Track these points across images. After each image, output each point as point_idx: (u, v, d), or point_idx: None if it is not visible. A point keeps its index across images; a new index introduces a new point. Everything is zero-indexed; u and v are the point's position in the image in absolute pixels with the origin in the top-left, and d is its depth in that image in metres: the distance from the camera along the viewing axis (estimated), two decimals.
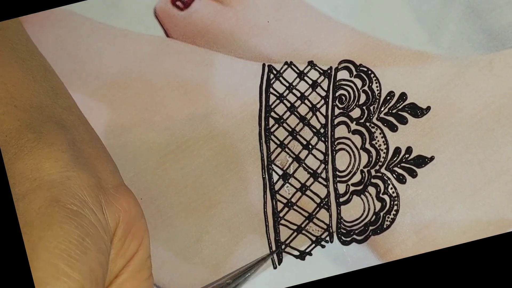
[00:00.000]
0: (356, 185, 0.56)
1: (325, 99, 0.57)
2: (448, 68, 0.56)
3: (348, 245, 0.56)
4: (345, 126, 0.57)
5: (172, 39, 0.58)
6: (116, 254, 0.47)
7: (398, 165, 0.56)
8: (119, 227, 0.47)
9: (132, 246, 0.48)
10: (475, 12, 0.56)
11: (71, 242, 0.43)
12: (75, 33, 0.59)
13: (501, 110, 0.56)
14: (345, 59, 0.57)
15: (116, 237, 0.47)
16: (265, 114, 0.57)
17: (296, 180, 0.56)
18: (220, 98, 0.57)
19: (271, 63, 0.57)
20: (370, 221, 0.56)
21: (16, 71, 0.48)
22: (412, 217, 0.55)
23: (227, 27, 0.58)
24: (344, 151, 0.56)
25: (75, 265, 0.43)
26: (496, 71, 0.56)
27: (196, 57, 0.58)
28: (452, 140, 0.56)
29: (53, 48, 0.58)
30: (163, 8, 0.58)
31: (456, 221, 0.55)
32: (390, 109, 0.56)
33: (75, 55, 0.58)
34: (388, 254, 0.55)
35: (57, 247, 0.43)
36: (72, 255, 0.43)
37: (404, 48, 0.57)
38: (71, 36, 0.59)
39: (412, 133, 0.56)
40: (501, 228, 0.55)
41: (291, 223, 0.56)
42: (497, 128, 0.55)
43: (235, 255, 0.56)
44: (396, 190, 0.56)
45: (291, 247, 0.56)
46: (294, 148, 0.57)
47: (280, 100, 0.57)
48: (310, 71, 0.57)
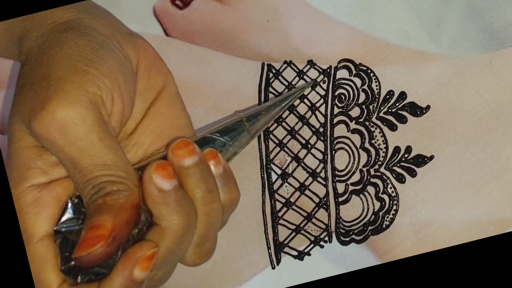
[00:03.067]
0: (355, 184, 0.56)
1: (325, 98, 0.57)
2: (448, 67, 0.56)
3: (347, 245, 0.55)
4: (345, 125, 0.56)
5: (171, 38, 0.58)
6: (145, 84, 0.50)
7: (398, 164, 0.56)
8: (141, 60, 0.50)
9: (159, 79, 0.50)
10: (475, 11, 0.56)
11: (86, 51, 0.46)
12: None
13: (501, 109, 0.55)
14: (344, 58, 0.57)
15: (140, 69, 0.50)
16: None
17: (295, 180, 0.56)
18: (219, 97, 0.57)
19: (270, 62, 0.57)
20: (369, 221, 0.55)
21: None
22: (412, 217, 0.55)
23: (226, 26, 0.58)
24: (343, 150, 0.56)
25: (92, 65, 0.46)
26: (496, 70, 0.56)
27: (195, 56, 0.58)
28: (452, 139, 0.55)
29: None
30: (162, 7, 0.58)
31: (456, 220, 0.55)
32: (389, 108, 0.56)
33: None
34: (387, 254, 0.55)
35: (74, 54, 0.46)
36: (88, 58, 0.46)
37: (403, 47, 0.56)
38: None
39: (412, 132, 0.56)
40: (501, 228, 0.54)
41: (290, 223, 0.56)
42: (497, 127, 0.55)
43: (233, 255, 0.56)
44: (395, 190, 0.55)
45: (289, 247, 0.56)
46: (293, 148, 0.57)
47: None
48: (309, 70, 0.57)
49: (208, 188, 0.46)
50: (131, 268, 0.44)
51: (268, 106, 0.53)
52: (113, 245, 0.43)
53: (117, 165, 0.45)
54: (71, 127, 0.44)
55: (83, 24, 0.49)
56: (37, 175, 0.46)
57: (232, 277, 0.56)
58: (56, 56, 0.46)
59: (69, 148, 0.44)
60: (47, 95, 0.45)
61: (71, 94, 0.44)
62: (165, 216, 0.45)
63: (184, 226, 0.45)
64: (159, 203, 0.45)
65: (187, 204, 0.45)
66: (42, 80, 0.46)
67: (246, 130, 0.51)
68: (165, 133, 0.50)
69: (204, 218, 0.46)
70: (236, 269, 0.56)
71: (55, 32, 0.48)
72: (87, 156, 0.44)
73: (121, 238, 0.44)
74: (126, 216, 0.44)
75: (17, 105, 0.46)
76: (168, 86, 0.51)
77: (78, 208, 0.46)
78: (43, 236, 0.46)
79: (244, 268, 0.56)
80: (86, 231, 0.44)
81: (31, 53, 0.48)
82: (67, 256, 0.46)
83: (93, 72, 0.46)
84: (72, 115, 0.44)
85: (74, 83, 0.45)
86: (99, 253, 0.43)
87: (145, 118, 0.50)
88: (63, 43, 0.47)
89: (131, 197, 0.44)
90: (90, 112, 0.45)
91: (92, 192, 0.44)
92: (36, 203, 0.46)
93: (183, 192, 0.46)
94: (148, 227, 0.45)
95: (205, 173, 0.46)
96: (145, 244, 0.44)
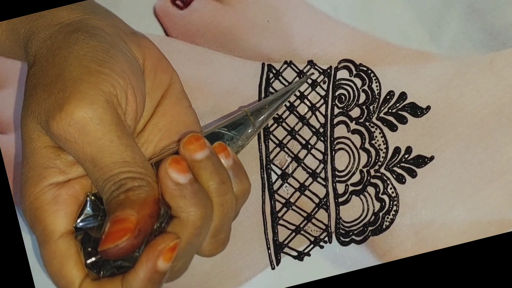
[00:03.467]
0: (355, 185, 0.56)
1: (325, 99, 0.57)
2: (449, 67, 0.56)
3: (347, 246, 0.55)
4: (345, 125, 0.56)
5: (171, 38, 0.58)
6: (152, 83, 0.51)
7: (398, 165, 0.56)
8: (147, 60, 0.51)
9: (165, 78, 0.52)
10: (476, 12, 0.56)
11: (97, 51, 0.47)
12: None
13: (502, 109, 0.55)
14: (345, 58, 0.57)
15: (146, 68, 0.50)
16: None
17: (295, 180, 0.56)
18: (219, 97, 0.57)
19: (270, 62, 0.57)
20: (369, 221, 0.55)
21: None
22: (412, 217, 0.55)
23: (227, 26, 0.58)
24: (344, 150, 0.56)
25: (105, 65, 0.47)
26: (496, 70, 0.55)
27: (196, 56, 0.58)
28: (452, 140, 0.55)
29: None
30: (162, 7, 0.58)
31: (456, 221, 0.55)
32: (390, 109, 0.56)
33: None
34: (387, 255, 0.55)
35: (86, 55, 0.47)
36: (101, 59, 0.47)
37: (404, 47, 0.56)
38: None
39: (412, 133, 0.56)
40: (501, 229, 0.54)
41: (290, 223, 0.56)
42: (497, 127, 0.55)
43: (233, 255, 0.56)
44: (395, 190, 0.55)
45: (289, 248, 0.56)
46: (293, 148, 0.56)
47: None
48: (309, 70, 0.57)
49: (222, 180, 0.47)
50: (155, 259, 0.45)
51: (270, 100, 0.54)
52: (139, 238, 0.44)
53: (136, 161, 0.46)
54: (90, 126, 0.45)
55: (90, 25, 0.49)
56: (55, 174, 0.47)
57: (232, 277, 0.56)
58: (69, 57, 0.47)
59: (88, 147, 0.45)
60: (64, 96, 0.45)
61: (88, 95, 0.45)
62: (184, 208, 0.46)
63: (202, 217, 0.46)
64: (176, 196, 0.46)
65: (203, 196, 0.47)
66: (57, 81, 0.46)
67: (252, 124, 0.52)
68: (173, 130, 0.51)
69: (219, 209, 0.48)
70: (236, 269, 0.56)
71: (63, 33, 0.49)
72: (107, 155, 0.46)
73: (145, 231, 0.45)
74: (149, 210, 0.45)
75: (31, 106, 0.47)
76: (173, 84, 0.52)
77: (96, 205, 0.48)
78: (63, 233, 0.47)
79: (244, 268, 0.56)
80: (111, 225, 0.45)
81: (40, 54, 0.49)
82: (89, 251, 0.47)
83: (107, 72, 0.47)
84: (90, 115, 0.45)
85: (89, 83, 0.46)
86: (125, 245, 0.44)
87: (154, 116, 0.51)
88: (73, 43, 0.48)
89: (152, 191, 0.46)
90: (107, 111, 0.46)
91: (113, 189, 0.46)
92: (54, 201, 0.47)
93: (198, 184, 0.47)
94: (167, 220, 0.46)
95: (217, 166, 0.48)
96: (167, 236, 0.45)
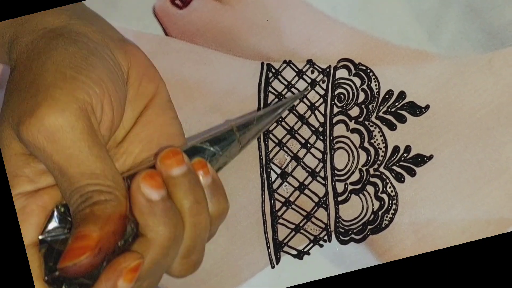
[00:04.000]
0: (354, 184, 0.56)
1: (324, 98, 0.57)
2: (447, 67, 0.56)
3: (346, 245, 0.55)
4: (344, 124, 0.56)
5: (171, 37, 0.58)
6: (136, 92, 0.49)
7: (397, 164, 0.56)
8: (132, 68, 0.49)
9: (150, 87, 0.50)
10: (474, 11, 0.56)
11: (76, 57, 0.46)
12: None
13: (501, 109, 0.55)
14: (344, 57, 0.57)
15: (131, 76, 0.49)
16: None
17: (295, 179, 0.56)
18: (219, 96, 0.57)
19: (270, 61, 0.57)
20: (368, 220, 0.55)
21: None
22: (411, 216, 0.55)
23: (226, 25, 0.58)
24: (343, 149, 0.56)
25: (82, 72, 0.45)
26: (495, 70, 0.56)
27: (195, 56, 0.58)
28: (451, 139, 0.55)
29: None
30: (162, 7, 0.59)
31: (455, 220, 0.55)
32: (389, 108, 0.56)
33: None
34: (387, 254, 0.55)
35: (63, 61, 0.45)
36: (78, 65, 0.45)
37: (403, 47, 0.57)
38: None
39: (411, 132, 0.56)
40: (500, 228, 0.54)
41: (289, 222, 0.56)
42: (496, 127, 0.55)
43: (232, 254, 0.56)
44: (394, 189, 0.55)
45: (289, 247, 0.56)
46: (293, 147, 0.57)
47: (279, 98, 0.57)
48: (309, 69, 0.57)
49: (196, 199, 0.46)
50: (115, 279, 0.43)
51: (259, 116, 0.51)
52: (99, 256, 0.43)
53: (105, 174, 0.44)
54: (60, 134, 0.44)
55: (74, 31, 0.48)
56: (23, 183, 0.46)
57: (231, 276, 0.56)
58: (46, 62, 0.46)
59: (57, 155, 0.44)
60: (36, 101, 0.44)
61: (60, 101, 0.44)
62: (152, 227, 0.44)
63: (171, 237, 0.44)
64: (146, 213, 0.44)
65: (174, 215, 0.45)
66: (31, 86, 0.45)
67: (237, 140, 0.50)
68: (155, 142, 0.49)
69: (192, 229, 0.46)
70: (235, 268, 0.56)
71: (45, 38, 0.47)
72: (75, 165, 0.44)
73: (107, 249, 0.43)
74: (113, 227, 0.43)
75: (6, 111, 0.46)
76: (159, 94, 0.50)
77: (65, 217, 0.46)
78: (28, 245, 0.45)
79: (244, 267, 0.56)
80: (72, 241, 0.43)
81: (21, 59, 0.47)
82: (51, 266, 0.45)
83: (82, 79, 0.45)
84: (61, 122, 0.44)
85: (63, 89, 0.44)
86: (84, 264, 0.42)
87: (135, 126, 0.49)
88: (52, 49, 0.46)
89: (119, 207, 0.44)
90: (80, 119, 0.44)
91: (79, 201, 0.44)
92: (22, 212, 0.45)
93: (171, 202, 0.45)
94: (134, 238, 0.45)
95: (193, 184, 0.46)
96: (130, 255, 0.44)
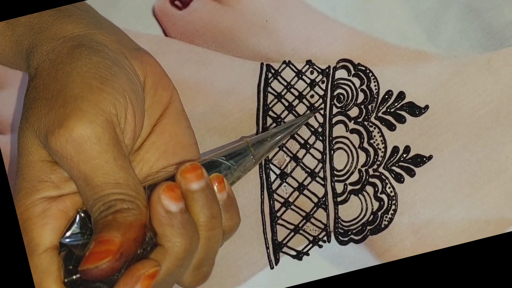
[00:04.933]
0: (354, 184, 0.56)
1: (323, 98, 0.57)
2: (446, 67, 0.56)
3: (345, 245, 0.55)
4: (343, 125, 0.56)
5: (170, 38, 0.58)
6: (152, 101, 0.50)
7: (396, 164, 0.56)
8: (148, 77, 0.50)
9: (165, 96, 0.51)
10: (473, 11, 0.56)
11: (100, 68, 0.47)
12: None
13: (500, 108, 0.55)
14: (343, 58, 0.57)
15: (147, 85, 0.50)
16: (263, 113, 0.57)
17: (294, 180, 0.56)
18: (218, 97, 0.57)
19: (269, 62, 0.57)
20: (367, 220, 0.55)
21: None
22: (410, 216, 0.55)
23: (226, 26, 0.58)
24: (342, 150, 0.56)
25: (107, 83, 0.47)
26: (494, 69, 0.56)
27: (195, 56, 0.58)
28: (450, 139, 0.55)
29: None
30: (161, 7, 0.59)
31: (455, 220, 0.55)
32: (388, 108, 0.56)
33: None
34: (386, 254, 0.55)
35: (89, 71, 0.47)
36: (103, 76, 0.47)
37: (402, 47, 0.57)
38: None
39: (410, 132, 0.56)
40: (500, 228, 0.54)
41: (289, 222, 0.56)
42: (495, 126, 0.55)
43: (232, 255, 0.56)
44: (394, 190, 0.55)
45: (288, 247, 0.56)
46: (292, 147, 0.57)
47: (278, 99, 0.57)
48: (308, 70, 0.57)
49: (212, 214, 0.47)
50: (133, 284, 0.44)
51: (273, 133, 0.53)
52: (120, 261, 0.44)
53: (128, 184, 0.46)
54: (87, 145, 0.45)
55: (95, 40, 0.49)
56: (49, 188, 0.47)
57: (231, 276, 0.56)
58: (72, 72, 0.47)
59: (83, 165, 0.45)
60: (65, 112, 0.45)
61: (88, 113, 0.45)
62: (169, 237, 0.45)
63: (186, 249, 0.46)
64: (164, 224, 0.45)
65: (191, 228, 0.46)
66: (58, 96, 0.46)
67: (252, 155, 0.51)
68: (170, 151, 0.51)
69: (206, 242, 0.47)
70: (235, 268, 0.56)
71: (67, 47, 0.49)
72: (100, 174, 0.45)
73: (128, 255, 0.44)
74: (134, 234, 0.45)
75: (30, 119, 0.47)
76: (173, 103, 0.52)
77: (85, 223, 0.47)
78: (48, 247, 0.46)
79: (243, 267, 0.56)
80: (94, 245, 0.44)
81: (43, 68, 0.48)
82: (70, 269, 0.46)
83: (108, 90, 0.46)
84: (89, 134, 0.45)
85: (90, 102, 0.46)
86: (105, 268, 0.44)
87: (151, 135, 0.51)
88: (77, 59, 0.48)
89: (140, 216, 0.45)
90: (106, 131, 0.46)
91: (102, 209, 0.45)
92: (43, 215, 0.46)
93: (188, 215, 0.46)
94: (152, 247, 0.46)
95: (210, 199, 0.47)
96: (148, 262, 0.45)
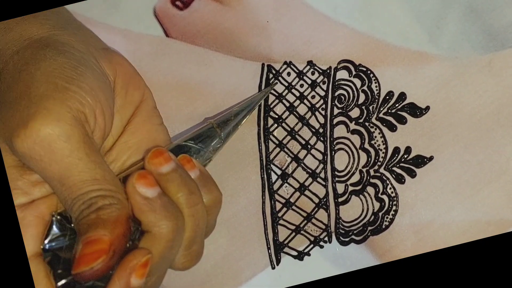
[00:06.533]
0: (355, 185, 0.56)
1: (324, 99, 0.57)
2: (448, 68, 0.56)
3: (346, 246, 0.56)
4: (344, 126, 0.56)
5: (171, 39, 0.58)
6: (123, 101, 0.50)
7: (397, 165, 0.56)
8: (118, 76, 0.49)
9: (136, 95, 0.50)
10: (474, 12, 0.56)
11: (65, 68, 0.46)
12: None
13: (501, 110, 0.55)
14: (344, 59, 0.57)
15: (117, 85, 0.49)
16: (264, 113, 0.57)
17: (295, 180, 0.56)
18: (220, 97, 0.57)
19: (270, 63, 0.57)
20: (368, 221, 0.56)
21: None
22: (411, 217, 0.55)
23: (227, 27, 0.58)
24: (343, 151, 0.56)
25: (73, 82, 0.45)
26: (495, 71, 0.56)
27: (196, 57, 0.58)
28: (451, 140, 0.55)
29: None
30: (162, 8, 0.59)
31: (456, 221, 0.55)
32: (389, 109, 0.56)
33: None
34: (387, 255, 0.55)
35: (54, 71, 0.45)
36: (69, 76, 0.45)
37: (403, 48, 0.57)
38: None
39: (411, 133, 0.56)
40: (500, 229, 0.54)
41: (290, 223, 0.56)
42: (496, 128, 0.55)
43: (233, 255, 0.56)
44: (395, 190, 0.56)
45: (289, 248, 0.56)
46: (293, 148, 0.57)
47: (279, 100, 0.57)
48: (309, 71, 0.57)
49: (190, 190, 0.47)
50: (128, 277, 0.44)
51: (236, 112, 0.54)
52: (114, 258, 0.44)
53: (106, 179, 0.45)
54: (57, 144, 0.44)
55: (60, 41, 0.48)
56: (18, 196, 0.46)
57: (232, 277, 0.56)
58: (36, 73, 0.45)
59: (56, 165, 0.44)
60: (29, 113, 0.44)
61: (54, 111, 0.44)
62: (154, 223, 0.45)
63: (174, 229, 0.46)
64: (146, 210, 0.45)
65: (173, 209, 0.46)
66: (22, 98, 0.45)
67: (218, 136, 0.52)
68: (142, 148, 0.50)
69: (191, 219, 0.47)
70: (236, 269, 0.56)
71: (31, 48, 0.47)
72: (75, 173, 0.44)
73: (120, 251, 0.44)
74: (122, 229, 0.44)
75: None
76: (145, 101, 0.51)
77: (63, 225, 0.46)
78: (31, 256, 0.46)
79: (244, 268, 0.56)
80: (83, 247, 0.44)
81: (6, 70, 0.47)
82: (60, 273, 0.46)
83: (74, 89, 0.45)
84: (57, 133, 0.44)
85: (56, 100, 0.44)
86: (101, 267, 0.43)
87: (124, 134, 0.50)
88: (41, 60, 0.46)
89: (124, 209, 0.45)
90: (75, 128, 0.44)
91: (82, 208, 0.44)
92: (20, 224, 0.46)
93: (167, 197, 0.46)
94: (139, 236, 0.46)
95: (184, 177, 0.47)
96: (138, 251, 0.45)
